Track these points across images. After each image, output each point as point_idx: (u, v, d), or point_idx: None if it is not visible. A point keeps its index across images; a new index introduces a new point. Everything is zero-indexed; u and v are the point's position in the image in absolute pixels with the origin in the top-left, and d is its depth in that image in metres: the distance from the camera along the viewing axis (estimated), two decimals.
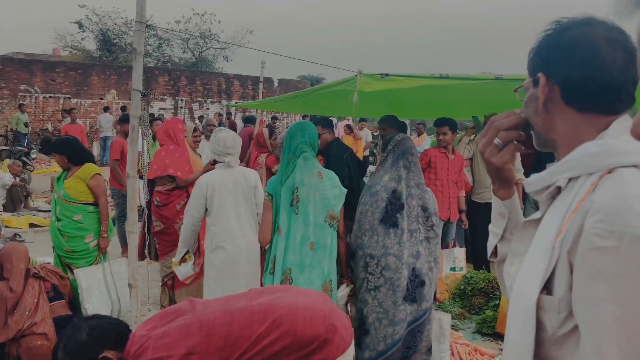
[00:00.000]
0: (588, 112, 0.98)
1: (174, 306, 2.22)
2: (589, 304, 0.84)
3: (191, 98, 19.70)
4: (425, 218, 3.11)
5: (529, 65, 1.07)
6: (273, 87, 21.20)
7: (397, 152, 3.16)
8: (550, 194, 0.99)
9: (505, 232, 1.23)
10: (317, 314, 2.19)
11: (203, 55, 26.75)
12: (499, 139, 1.11)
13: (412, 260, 3.04)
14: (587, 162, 0.92)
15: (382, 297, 3.00)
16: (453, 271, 4.99)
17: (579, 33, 0.99)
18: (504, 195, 1.22)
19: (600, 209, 0.83)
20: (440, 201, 5.01)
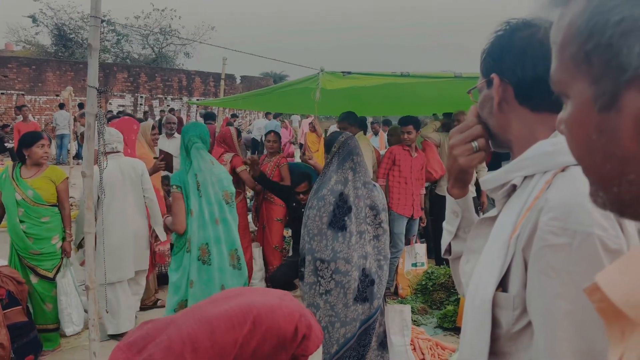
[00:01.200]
0: (541, 111, 1.00)
1: (136, 332, 2.08)
2: (542, 300, 0.85)
3: (151, 95, 19.29)
4: (373, 216, 3.13)
5: (481, 67, 1.08)
6: (235, 84, 20.98)
7: (342, 154, 3.20)
8: (505, 192, 1.00)
9: (459, 231, 1.24)
10: (292, 311, 2.20)
11: (163, 51, 26.24)
12: (478, 144, 1.11)
13: (362, 261, 3.07)
14: (542, 160, 0.93)
15: (333, 301, 3.03)
16: (414, 267, 5.05)
17: (529, 34, 1.00)
18: (458, 194, 1.23)
19: (553, 207, 0.85)
20: (404, 198, 5.08)
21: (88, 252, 3.24)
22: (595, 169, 0.53)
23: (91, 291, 3.23)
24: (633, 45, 0.46)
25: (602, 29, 0.48)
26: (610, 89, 0.48)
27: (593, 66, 0.50)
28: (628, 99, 0.47)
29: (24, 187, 3.91)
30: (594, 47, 0.49)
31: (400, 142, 5.23)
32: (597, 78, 0.50)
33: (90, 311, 3.25)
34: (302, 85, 4.65)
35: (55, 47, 24.25)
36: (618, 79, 0.47)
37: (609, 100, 0.48)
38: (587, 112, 0.51)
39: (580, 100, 0.52)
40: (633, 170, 0.48)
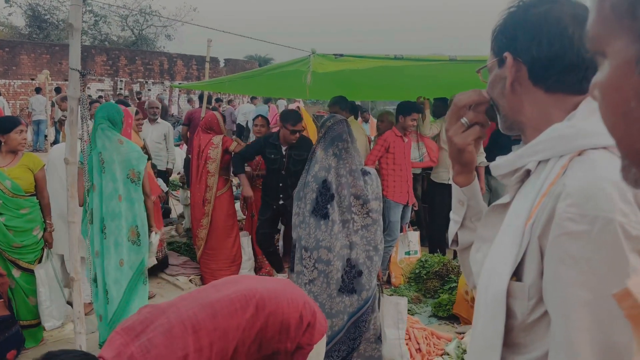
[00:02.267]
0: (556, 92, 0.96)
1: (134, 317, 1.99)
2: (559, 289, 0.82)
3: (131, 79, 18.86)
4: (360, 205, 3.04)
5: (493, 45, 1.03)
6: (219, 68, 20.63)
7: (327, 140, 3.15)
8: (518, 177, 0.97)
9: (465, 220, 1.21)
10: (296, 298, 2.16)
11: (143, 33, 25.64)
12: (467, 118, 1.09)
13: (345, 251, 3.00)
14: (558, 144, 0.90)
15: (317, 291, 2.97)
16: (408, 255, 4.98)
17: (544, 10, 0.96)
18: (463, 182, 1.19)
19: (572, 193, 0.81)
20: (399, 186, 4.99)
21: (72, 242, 3.12)
22: (630, 142, 0.47)
23: (76, 283, 3.12)
24: None
25: None
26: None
27: (638, 20, 0.43)
28: None
29: (1, 177, 3.66)
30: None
31: (391, 128, 5.13)
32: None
33: (75, 303, 3.13)
34: (292, 67, 4.49)
35: (30, 28, 23.55)
36: None
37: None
38: (628, 75, 0.45)
39: (620, 60, 0.46)
40: None
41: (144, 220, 3.61)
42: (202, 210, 5.04)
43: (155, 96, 16.69)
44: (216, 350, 1.88)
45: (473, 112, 1.09)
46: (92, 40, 24.30)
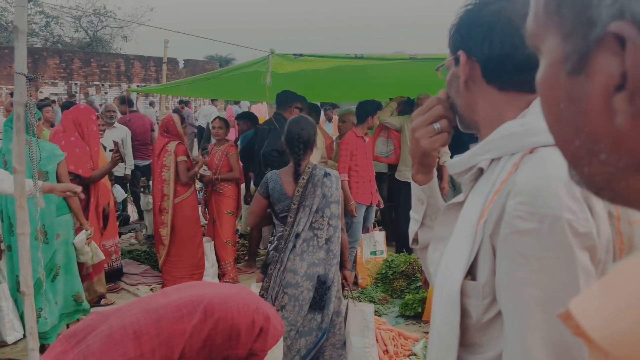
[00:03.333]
0: (509, 90, 0.96)
1: (77, 325, 1.95)
2: (511, 288, 0.82)
3: (87, 82, 18.28)
4: (321, 218, 2.97)
5: (449, 43, 1.04)
6: (178, 69, 20.22)
7: None
8: (472, 175, 0.97)
9: (425, 219, 1.21)
10: (248, 302, 2.09)
11: (98, 34, 24.88)
12: (440, 125, 1.08)
13: (314, 269, 2.94)
14: (509, 142, 0.90)
15: (289, 315, 2.92)
16: (374, 255, 4.96)
17: (497, 9, 0.96)
18: (422, 180, 1.19)
19: (521, 191, 0.82)
20: (362, 187, 4.96)
21: (21, 255, 2.97)
22: (564, 144, 0.46)
23: (27, 297, 2.96)
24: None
25: None
26: (579, 48, 0.41)
27: (564, 18, 0.42)
28: (598, 61, 0.39)
29: None
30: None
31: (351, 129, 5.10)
32: (568, 33, 0.42)
33: (27, 318, 2.97)
34: (251, 68, 4.43)
35: None
36: (587, 36, 0.40)
37: (577, 62, 0.41)
38: (557, 74, 0.44)
39: (551, 58, 0.45)
40: (604, 149, 0.41)
41: (52, 219, 3.73)
42: (161, 220, 4.89)
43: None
44: (159, 356, 1.83)
45: (446, 120, 1.08)
46: (43, 42, 23.44)
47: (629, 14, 0.36)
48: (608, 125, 0.39)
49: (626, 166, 0.40)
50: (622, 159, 0.40)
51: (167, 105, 17.67)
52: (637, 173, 0.39)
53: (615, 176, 0.41)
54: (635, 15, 0.36)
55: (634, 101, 0.37)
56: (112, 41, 25.43)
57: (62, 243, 3.88)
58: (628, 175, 0.40)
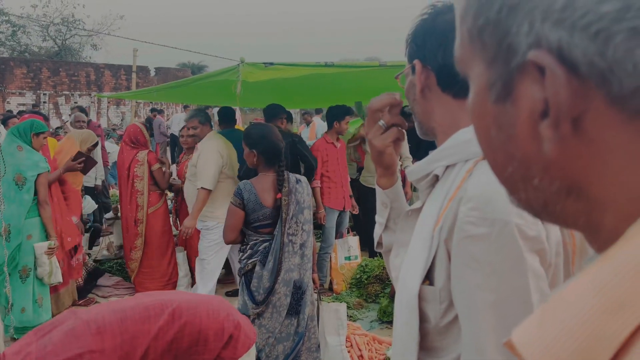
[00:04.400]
0: (463, 98, 0.96)
1: (50, 320, 2.04)
2: (465, 292, 0.85)
3: (56, 91, 17.93)
4: (295, 224, 2.97)
5: (406, 52, 1.06)
6: (149, 77, 19.99)
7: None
8: (429, 182, 0.99)
9: (389, 222, 1.23)
10: (218, 309, 2.11)
11: (67, 43, 24.46)
12: (383, 120, 1.11)
13: (289, 275, 2.94)
14: (462, 149, 0.92)
15: (266, 323, 2.91)
16: (348, 260, 4.97)
17: (451, 17, 0.94)
18: (386, 184, 1.21)
19: (472, 197, 0.84)
20: (334, 192, 4.97)
21: None
22: (499, 170, 0.46)
23: None
24: (522, 23, 0.38)
25: (490, 1, 0.40)
26: (503, 76, 0.41)
27: (486, 45, 0.42)
28: (521, 88, 0.39)
29: None
30: (484, 22, 0.41)
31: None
32: (491, 61, 0.42)
33: None
34: (221, 77, 4.42)
35: None
36: (509, 63, 0.40)
37: (502, 89, 0.41)
38: (484, 101, 0.44)
39: (478, 85, 0.45)
40: (536, 175, 0.41)
41: (19, 221, 3.89)
42: (136, 231, 4.82)
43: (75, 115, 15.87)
44: (120, 353, 1.84)
45: (389, 114, 1.11)
46: (10, 51, 22.92)
47: (545, 43, 0.36)
48: (537, 152, 0.40)
49: (559, 190, 0.40)
50: (554, 183, 0.40)
51: (139, 113, 17.42)
52: (570, 196, 0.40)
53: (550, 200, 0.41)
54: (551, 44, 0.36)
55: (558, 128, 0.37)
56: (81, 50, 25.01)
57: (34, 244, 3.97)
58: (561, 199, 0.40)
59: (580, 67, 0.35)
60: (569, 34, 0.35)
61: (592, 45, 0.34)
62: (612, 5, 0.33)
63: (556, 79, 0.36)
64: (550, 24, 0.36)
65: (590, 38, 0.34)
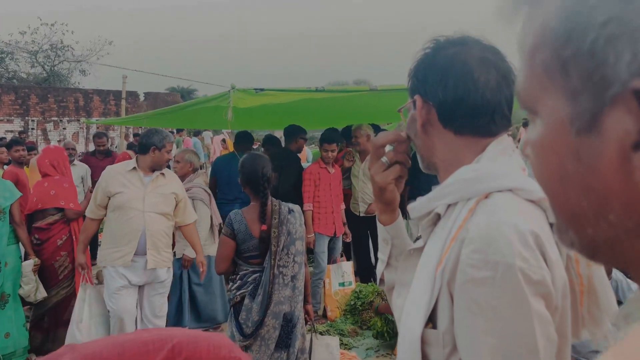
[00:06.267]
0: (465, 134, 0.98)
1: (47, 355, 1.91)
2: (468, 336, 0.83)
3: (44, 118, 17.84)
4: (286, 256, 2.92)
5: (408, 86, 1.06)
6: (139, 102, 19.97)
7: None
8: (430, 220, 0.97)
9: (391, 259, 1.19)
10: (220, 346, 2.03)
11: (56, 69, 24.44)
12: (387, 157, 1.10)
13: (279, 307, 2.88)
14: (464, 187, 0.91)
15: (255, 356, 2.85)
16: (342, 286, 4.90)
17: (452, 53, 0.98)
18: (386, 220, 1.18)
19: (474, 239, 0.83)
20: (324, 217, 4.93)
21: None
22: (568, 205, 0.44)
23: None
24: (622, 53, 0.37)
25: (584, 31, 0.39)
26: (591, 107, 0.40)
27: (571, 77, 0.41)
28: (613, 119, 0.38)
29: None
30: (572, 53, 0.40)
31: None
32: (576, 93, 0.41)
33: None
34: (212, 104, 4.42)
35: None
36: (602, 94, 0.39)
37: (589, 121, 0.40)
38: (562, 135, 0.43)
39: (554, 119, 0.43)
40: (614, 209, 0.40)
41: (3, 251, 3.78)
42: None
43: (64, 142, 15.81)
44: None
45: (393, 151, 1.09)
46: None
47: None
48: (622, 184, 0.39)
49: (635, 226, 0.39)
50: (632, 218, 0.39)
51: (130, 138, 17.35)
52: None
53: (621, 237, 0.40)
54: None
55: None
56: (70, 76, 24.98)
57: (10, 271, 3.91)
58: (633, 236, 0.39)
59: None
60: None
61: None
62: None
63: None
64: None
65: None
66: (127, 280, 3.55)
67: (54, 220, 4.22)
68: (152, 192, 3.60)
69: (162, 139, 3.63)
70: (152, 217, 3.57)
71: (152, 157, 3.61)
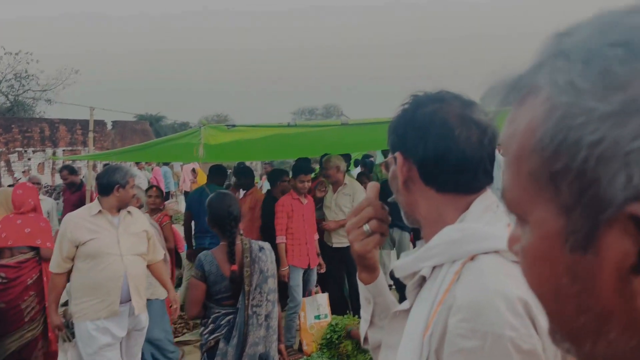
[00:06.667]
0: (448, 192, 0.96)
1: None
2: None
3: (7, 149, 17.36)
4: (259, 294, 2.90)
5: (388, 142, 1.04)
6: (106, 131, 19.67)
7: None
8: (416, 282, 0.95)
9: (374, 318, 1.16)
10: None
11: (20, 99, 23.93)
12: (370, 226, 1.05)
13: (254, 349, 2.85)
14: (449, 249, 0.90)
15: None
16: (318, 319, 4.86)
17: (432, 110, 0.97)
18: (367, 279, 1.14)
19: (462, 307, 0.81)
20: (298, 249, 4.91)
21: None
22: (564, 320, 0.42)
23: None
24: (615, 176, 0.35)
25: (574, 148, 0.37)
26: (585, 226, 0.38)
27: (561, 193, 0.39)
28: (609, 240, 0.36)
29: None
30: (562, 169, 0.38)
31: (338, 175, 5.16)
32: (568, 208, 0.39)
33: None
34: (183, 140, 4.42)
35: None
36: (596, 214, 0.37)
37: (584, 240, 0.38)
38: (555, 249, 0.40)
39: (545, 231, 0.41)
40: (614, 328, 0.38)
41: None
42: None
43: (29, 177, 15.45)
44: None
45: (377, 221, 1.06)
46: None
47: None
48: (622, 306, 0.37)
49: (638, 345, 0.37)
50: (634, 338, 0.37)
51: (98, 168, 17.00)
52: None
53: (622, 356, 0.38)
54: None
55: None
56: (34, 105, 24.49)
57: None
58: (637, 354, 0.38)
59: None
60: None
61: None
62: None
63: None
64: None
65: None
66: (110, 335, 3.31)
67: (25, 258, 4.02)
68: (125, 233, 3.44)
69: (124, 175, 3.46)
70: (131, 259, 3.41)
71: (116, 196, 3.42)
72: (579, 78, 0.38)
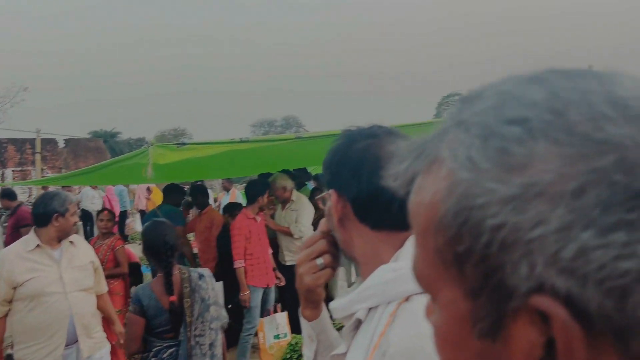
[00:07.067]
0: (382, 229, 0.95)
1: None
2: None
3: None
4: (201, 324, 2.81)
5: (323, 179, 1.04)
6: (58, 149, 19.05)
7: None
8: (352, 325, 0.94)
9: (317, 356, 1.14)
10: None
11: None
12: (324, 260, 1.03)
13: None
14: (384, 290, 0.89)
15: None
16: (277, 339, 4.76)
17: (364, 147, 0.96)
18: (310, 316, 1.12)
19: (394, 354, 0.81)
20: (257, 269, 4.81)
21: None
22: None
23: None
24: (518, 263, 0.33)
25: (476, 231, 0.35)
26: (492, 314, 0.36)
27: (466, 275, 0.37)
28: (516, 330, 0.35)
29: None
30: (465, 251, 0.36)
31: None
32: (474, 293, 0.37)
33: None
34: (131, 161, 4.28)
35: None
36: (502, 302, 0.35)
37: (491, 327, 0.36)
38: (464, 333, 0.38)
39: (453, 313, 0.39)
40: None
41: None
42: None
43: None
44: None
45: (329, 255, 1.04)
46: None
47: (550, 289, 0.33)
48: None
49: None
50: None
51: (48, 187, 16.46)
52: None
53: None
54: (557, 292, 0.33)
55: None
56: None
57: None
58: None
59: (595, 322, 0.32)
60: (581, 285, 0.32)
61: (608, 300, 0.31)
62: (633, 264, 0.31)
63: (568, 332, 0.32)
64: (557, 271, 0.32)
65: (606, 293, 0.31)
66: None
67: None
68: (69, 268, 3.09)
69: (64, 202, 3.10)
70: (77, 296, 3.08)
71: (56, 226, 3.06)
72: (478, 155, 0.35)
